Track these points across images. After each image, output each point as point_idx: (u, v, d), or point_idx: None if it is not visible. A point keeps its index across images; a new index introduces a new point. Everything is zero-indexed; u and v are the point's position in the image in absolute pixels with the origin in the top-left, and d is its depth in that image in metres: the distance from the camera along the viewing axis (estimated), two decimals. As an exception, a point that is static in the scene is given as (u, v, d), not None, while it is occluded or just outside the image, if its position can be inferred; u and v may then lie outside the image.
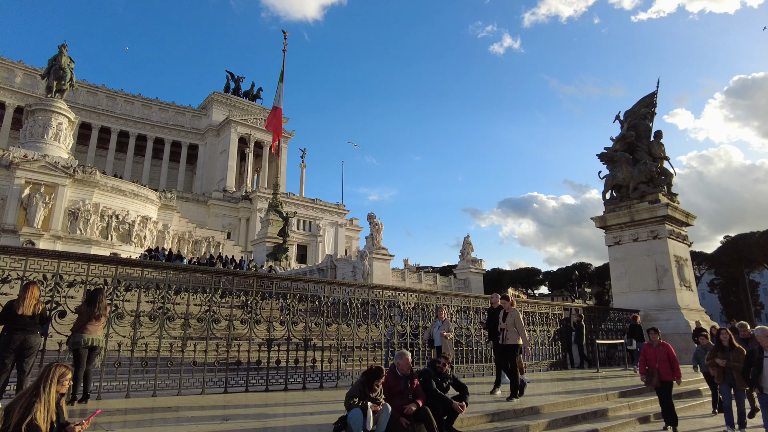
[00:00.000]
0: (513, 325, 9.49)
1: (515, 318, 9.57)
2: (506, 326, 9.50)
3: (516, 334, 9.46)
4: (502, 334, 9.56)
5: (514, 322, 9.51)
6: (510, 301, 9.99)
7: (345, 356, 11.71)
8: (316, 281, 11.68)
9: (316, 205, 71.85)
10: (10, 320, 7.13)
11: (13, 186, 39.95)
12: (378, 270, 37.83)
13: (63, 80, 48.39)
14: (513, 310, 9.75)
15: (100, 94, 77.44)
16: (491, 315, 10.49)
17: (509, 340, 9.43)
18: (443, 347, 10.75)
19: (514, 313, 9.66)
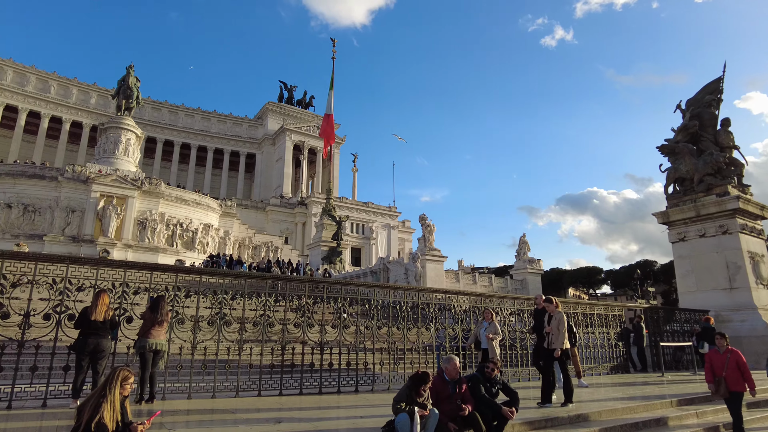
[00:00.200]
0: (557, 328, 9.18)
1: (559, 321, 9.23)
2: (551, 330, 9.22)
3: (562, 338, 9.16)
4: (548, 338, 9.28)
5: (558, 325, 9.19)
6: (554, 303, 9.65)
7: (397, 359, 11.77)
8: (365, 285, 11.84)
9: (369, 208, 72.54)
10: (85, 325, 7.75)
11: (90, 199, 42.94)
12: (431, 272, 37.67)
13: (130, 99, 51.66)
14: (557, 312, 9.41)
15: (163, 110, 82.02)
16: (536, 317, 10.20)
17: (554, 344, 9.14)
18: (489, 350, 10.53)
19: (559, 315, 9.32)
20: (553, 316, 9.37)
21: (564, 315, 9.52)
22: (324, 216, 40.58)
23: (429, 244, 38.88)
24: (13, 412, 7.37)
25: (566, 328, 9.32)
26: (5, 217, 39.90)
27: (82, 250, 39.81)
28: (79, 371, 7.67)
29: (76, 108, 75.10)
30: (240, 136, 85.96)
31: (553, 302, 9.70)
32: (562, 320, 9.27)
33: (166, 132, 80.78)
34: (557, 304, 9.75)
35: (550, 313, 9.49)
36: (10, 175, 42.20)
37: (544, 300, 10.01)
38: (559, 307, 9.76)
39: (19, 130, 70.48)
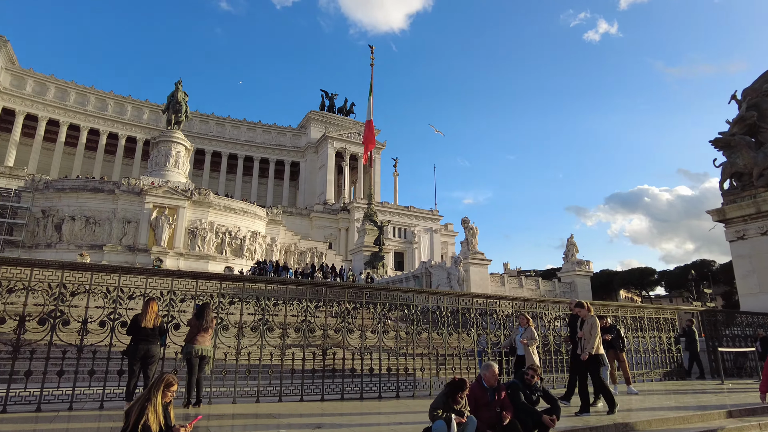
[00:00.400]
0: (589, 332, 8.85)
1: (592, 325, 8.90)
2: (583, 335, 8.89)
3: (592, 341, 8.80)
4: (580, 344, 8.96)
5: (590, 329, 8.85)
6: (586, 308, 9.31)
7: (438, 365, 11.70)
8: (404, 290, 11.84)
9: (410, 213, 72.52)
10: (136, 332, 8.17)
11: (143, 210, 45.09)
12: (475, 275, 37.19)
13: (179, 113, 54.05)
14: (590, 317, 9.08)
15: (211, 122, 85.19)
16: (570, 323, 9.88)
17: (585, 348, 8.80)
18: (526, 357, 10.24)
19: (591, 320, 8.99)
20: (585, 320, 9.07)
21: (596, 319, 9.19)
22: (366, 221, 40.93)
23: (472, 248, 38.42)
24: (74, 413, 7.84)
25: (599, 332, 8.97)
26: (69, 228, 42.47)
27: (137, 258, 41.84)
28: (132, 375, 8.08)
29: (131, 124, 79.20)
30: (284, 145, 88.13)
31: (584, 306, 9.40)
32: (594, 324, 8.95)
33: (214, 143, 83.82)
34: (589, 308, 9.43)
35: (582, 318, 9.19)
36: (74, 189, 44.94)
37: (575, 305, 9.70)
38: (592, 311, 9.43)
39: (81, 147, 74.99)
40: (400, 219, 70.18)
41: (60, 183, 47.01)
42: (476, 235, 38.75)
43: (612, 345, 11.80)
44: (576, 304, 9.77)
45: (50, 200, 44.09)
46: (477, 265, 37.17)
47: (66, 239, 41.93)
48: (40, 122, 72.17)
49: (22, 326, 7.93)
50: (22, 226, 42.48)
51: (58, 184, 46.36)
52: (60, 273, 8.26)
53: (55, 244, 41.66)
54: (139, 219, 44.68)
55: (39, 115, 72.23)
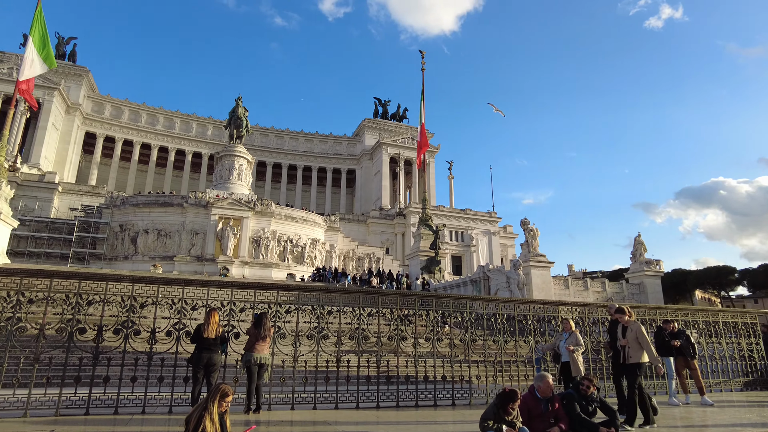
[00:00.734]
0: (635, 340, 8.33)
1: (637, 332, 8.40)
2: (627, 342, 8.38)
3: (640, 351, 8.27)
4: (624, 352, 8.45)
5: (636, 337, 8.34)
6: (627, 313, 8.82)
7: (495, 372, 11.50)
8: (457, 297, 11.75)
9: (467, 215, 71.60)
10: (199, 341, 8.64)
11: (210, 222, 47.40)
12: (537, 279, 36.08)
13: (240, 128, 56.43)
14: (633, 323, 8.59)
15: (270, 135, 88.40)
16: (610, 329, 9.35)
17: (632, 358, 8.28)
18: (572, 365, 9.71)
19: (635, 326, 8.49)
20: (628, 327, 8.58)
21: (641, 325, 8.68)
22: (421, 226, 40.85)
23: (533, 250, 37.35)
24: (147, 416, 8.41)
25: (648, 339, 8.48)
26: (143, 241, 45.40)
27: (205, 268, 44.03)
28: (196, 382, 8.55)
29: (196, 140, 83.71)
30: (340, 153, 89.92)
31: (626, 312, 8.94)
32: (639, 331, 8.45)
33: (274, 155, 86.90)
34: (630, 313, 8.96)
35: (623, 325, 8.70)
36: (146, 204, 48.03)
37: (616, 310, 9.19)
38: (633, 317, 8.95)
39: (152, 164, 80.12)
40: (456, 222, 69.48)
41: (134, 199, 50.39)
42: (537, 237, 37.63)
43: (681, 351, 11.13)
44: (616, 309, 9.32)
45: (126, 215, 47.36)
46: (538, 267, 36.05)
47: (141, 251, 44.83)
48: (116, 143, 77.85)
49: (100, 336, 8.62)
50: (103, 240, 45.90)
51: (132, 200, 49.73)
52: (130, 286, 8.90)
53: (132, 256, 44.67)
54: (206, 230, 46.96)
55: (116, 137, 77.93)
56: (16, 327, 8.27)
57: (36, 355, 8.38)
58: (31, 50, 30.49)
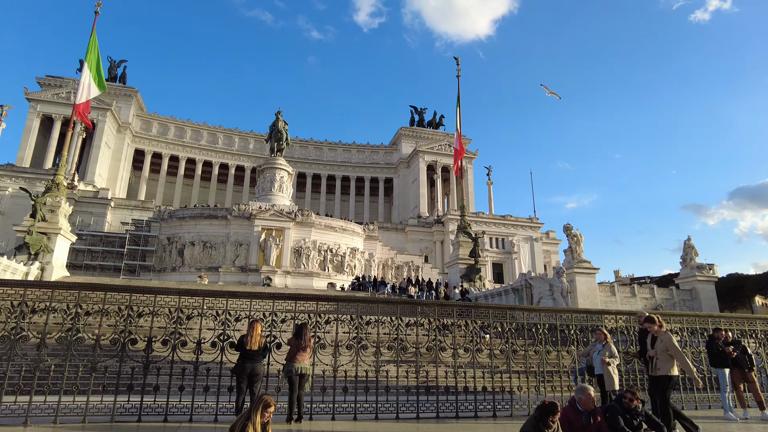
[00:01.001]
0: (665, 351, 7.95)
1: (667, 343, 8.02)
2: (656, 353, 8.01)
3: (669, 363, 7.88)
4: (652, 363, 8.07)
5: (666, 348, 7.96)
6: (657, 323, 8.40)
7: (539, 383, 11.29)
8: (496, 307, 11.62)
9: (507, 222, 70.48)
10: (242, 352, 8.92)
11: (253, 233, 48.64)
12: (581, 286, 35.14)
13: (281, 141, 57.89)
14: (663, 333, 8.21)
15: (310, 147, 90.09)
16: (640, 339, 8.94)
17: (660, 370, 7.89)
18: (605, 377, 9.26)
19: (665, 336, 8.12)
20: (657, 337, 8.20)
21: (671, 335, 8.30)
22: (459, 233, 40.50)
23: (577, 256, 36.45)
24: (194, 425, 8.73)
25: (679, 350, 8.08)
26: (190, 253, 47.04)
27: (249, 278, 45.17)
28: (240, 392, 8.81)
29: (239, 154, 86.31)
30: (377, 162, 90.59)
31: (656, 321, 8.52)
32: (669, 342, 8.08)
33: (314, 166, 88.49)
34: (661, 323, 8.55)
35: (653, 335, 8.31)
36: (192, 217, 49.81)
37: (645, 319, 8.78)
38: (664, 327, 8.55)
39: (197, 178, 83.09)
40: (496, 229, 68.52)
41: (181, 212, 52.34)
42: (581, 243, 36.74)
43: (737, 363, 10.59)
44: (645, 318, 8.93)
45: (173, 228, 49.25)
46: (583, 274, 35.13)
47: (187, 263, 46.45)
48: (163, 159, 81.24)
49: (150, 346, 9.03)
50: (152, 253, 47.87)
51: (179, 213, 51.67)
52: (177, 299, 9.30)
53: (179, 268, 46.35)
54: (250, 241, 48.19)
55: (162, 153, 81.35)
56: (75, 337, 8.79)
57: (93, 364, 8.87)
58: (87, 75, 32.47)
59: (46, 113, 68.55)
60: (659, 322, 8.67)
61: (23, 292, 9.02)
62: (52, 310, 8.84)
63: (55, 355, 10.52)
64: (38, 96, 68.93)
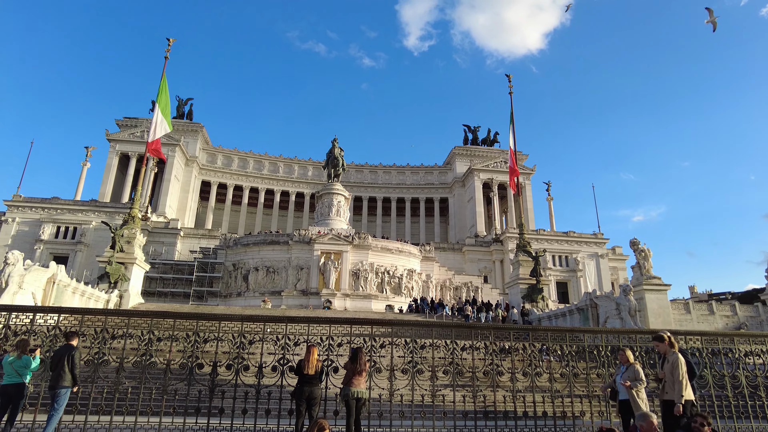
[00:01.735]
0: (671, 373, 7.39)
1: (673, 364, 7.45)
2: (664, 375, 7.47)
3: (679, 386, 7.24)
4: (661, 386, 7.48)
5: (672, 370, 7.40)
6: (666, 341, 7.76)
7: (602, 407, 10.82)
8: (554, 329, 11.31)
9: (570, 238, 67.99)
10: (300, 376, 9.23)
11: (313, 257, 49.93)
12: (652, 303, 33.25)
13: (337, 167, 59.53)
14: (672, 353, 7.60)
15: (365, 171, 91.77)
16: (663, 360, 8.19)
17: (667, 394, 7.32)
18: (632, 403, 8.36)
19: (673, 357, 7.54)
20: (666, 357, 7.61)
21: (680, 356, 7.61)
22: (519, 252, 39.55)
23: (645, 272, 34.65)
24: (257, 447, 9.08)
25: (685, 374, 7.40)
26: (254, 278, 48.87)
27: (310, 301, 46.21)
28: (299, 415, 9.09)
29: (298, 181, 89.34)
30: (432, 183, 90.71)
31: (664, 340, 7.89)
32: (676, 363, 7.47)
33: (369, 190, 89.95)
34: (672, 342, 7.89)
35: (663, 354, 7.73)
36: (256, 244, 51.87)
37: (654, 338, 8.12)
38: (675, 347, 7.86)
39: (260, 206, 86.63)
40: (559, 246, 66.29)
41: (245, 239, 54.63)
42: (649, 258, 34.94)
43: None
44: (654, 337, 8.29)
45: (238, 254, 51.44)
46: (653, 291, 33.28)
47: (252, 288, 48.24)
48: (228, 189, 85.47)
49: (215, 370, 9.54)
50: (219, 279, 50.17)
51: (243, 240, 53.96)
52: (240, 324, 9.80)
53: (244, 293, 48.21)
54: (310, 265, 49.45)
55: (227, 183, 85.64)
56: (149, 362, 9.46)
57: (164, 387, 9.48)
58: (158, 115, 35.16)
59: (123, 151, 74.30)
60: (670, 341, 8.07)
61: (104, 319, 9.85)
62: (129, 336, 9.59)
63: (131, 378, 11.30)
64: (116, 136, 74.95)
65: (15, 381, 9.38)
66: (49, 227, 60.47)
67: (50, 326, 10.06)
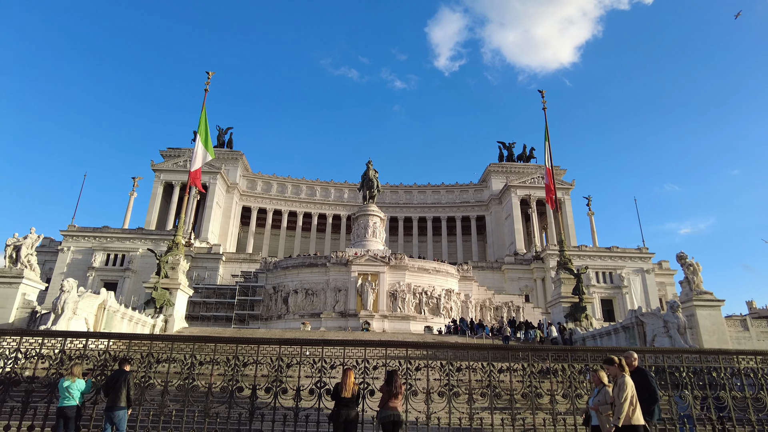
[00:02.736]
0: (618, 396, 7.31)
1: (620, 386, 7.34)
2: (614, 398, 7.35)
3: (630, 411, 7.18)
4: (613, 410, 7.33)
5: (619, 392, 7.30)
6: (616, 364, 7.63)
7: None
8: (593, 349, 11.00)
9: (613, 254, 65.85)
10: (337, 399, 9.33)
11: (351, 278, 50.25)
12: (704, 320, 31.75)
13: (372, 189, 60.19)
14: (621, 376, 7.49)
15: (400, 191, 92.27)
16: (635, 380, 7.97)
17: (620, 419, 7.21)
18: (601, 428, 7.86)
19: (621, 380, 7.43)
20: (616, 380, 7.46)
21: (628, 379, 7.46)
22: (560, 270, 38.58)
23: (695, 287, 33.23)
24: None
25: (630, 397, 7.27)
26: (294, 301, 49.55)
27: (348, 323, 46.35)
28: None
29: (334, 204, 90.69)
30: (468, 201, 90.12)
31: (614, 363, 7.70)
32: (623, 386, 7.33)
33: (404, 210, 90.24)
34: (623, 365, 7.72)
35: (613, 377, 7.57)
36: (295, 266, 52.74)
37: (604, 361, 7.95)
38: (626, 370, 7.68)
39: (298, 229, 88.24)
40: (602, 262, 64.30)
41: (284, 262, 55.62)
42: (698, 272, 33.54)
43: None
44: (604, 360, 8.10)
45: (278, 278, 52.36)
46: (705, 307, 31.85)
47: (291, 310, 48.89)
48: (267, 214, 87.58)
49: (255, 394, 9.76)
50: (260, 302, 51.11)
51: (283, 264, 54.94)
52: (278, 348, 10.02)
53: (284, 315, 48.88)
54: (348, 287, 49.75)
55: (267, 208, 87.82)
56: (191, 386, 9.78)
57: (206, 410, 9.76)
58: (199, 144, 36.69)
59: (167, 180, 77.54)
60: (620, 364, 7.86)
61: (149, 344, 10.29)
62: (173, 361, 9.96)
63: (175, 400, 11.66)
64: (161, 166, 78.39)
65: (70, 404, 9.93)
66: (99, 255, 63.43)
67: (101, 351, 10.59)
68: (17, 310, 26.57)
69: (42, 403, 10.37)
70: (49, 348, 10.12)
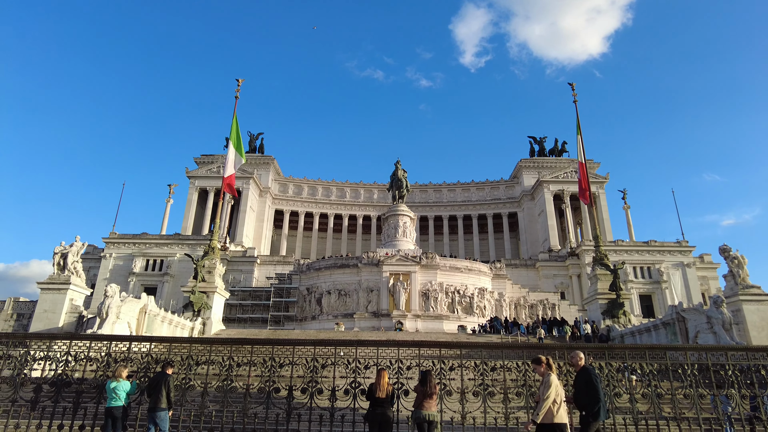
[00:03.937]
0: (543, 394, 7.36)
1: (545, 385, 7.42)
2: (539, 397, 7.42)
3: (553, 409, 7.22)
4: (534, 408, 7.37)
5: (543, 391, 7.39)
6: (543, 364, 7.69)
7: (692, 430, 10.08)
8: (632, 347, 10.75)
9: (651, 248, 63.86)
10: (372, 400, 9.43)
11: (382, 278, 50.43)
12: (752, 315, 30.55)
13: (401, 189, 60.26)
14: (547, 375, 7.51)
15: (429, 190, 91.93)
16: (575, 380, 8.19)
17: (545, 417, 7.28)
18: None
19: (546, 378, 7.46)
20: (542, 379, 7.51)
21: (553, 379, 7.48)
22: (596, 266, 37.67)
23: (741, 281, 32.03)
24: (333, 470, 9.31)
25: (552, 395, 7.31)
26: (327, 301, 50.09)
27: (381, 323, 46.52)
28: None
29: (364, 205, 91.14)
30: (499, 198, 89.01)
31: (541, 362, 7.77)
32: (547, 383, 7.40)
33: (434, 209, 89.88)
34: (550, 364, 7.80)
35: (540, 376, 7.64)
36: (327, 268, 53.30)
37: (532, 360, 8.02)
38: (553, 369, 7.78)
39: (330, 230, 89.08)
40: (639, 257, 62.46)
41: (317, 264, 56.28)
42: (744, 265, 32.32)
43: None
44: (532, 359, 8.10)
45: (311, 279, 53.03)
46: (752, 302, 30.66)
47: (325, 311, 49.43)
48: (299, 216, 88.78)
49: (291, 394, 9.96)
50: (294, 303, 51.89)
51: (315, 265, 55.62)
52: (312, 349, 10.20)
53: (318, 316, 49.47)
54: (379, 287, 49.95)
55: (299, 211, 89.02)
56: (230, 387, 10.06)
57: (245, 410, 10.02)
58: (231, 151, 37.52)
59: (202, 187, 79.54)
60: (547, 363, 7.91)
61: (189, 347, 10.63)
62: (211, 363, 10.26)
63: (215, 401, 12.02)
64: (195, 173, 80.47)
65: (117, 404, 10.39)
66: (139, 261, 65.66)
67: (143, 353, 11.01)
68: (66, 314, 27.86)
69: (91, 403, 10.85)
70: (96, 351, 10.59)
